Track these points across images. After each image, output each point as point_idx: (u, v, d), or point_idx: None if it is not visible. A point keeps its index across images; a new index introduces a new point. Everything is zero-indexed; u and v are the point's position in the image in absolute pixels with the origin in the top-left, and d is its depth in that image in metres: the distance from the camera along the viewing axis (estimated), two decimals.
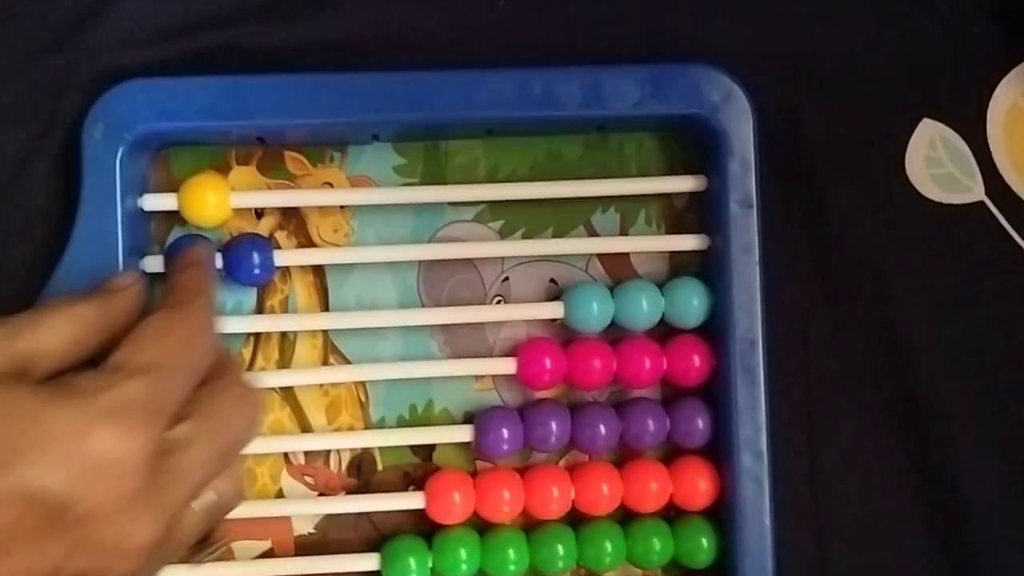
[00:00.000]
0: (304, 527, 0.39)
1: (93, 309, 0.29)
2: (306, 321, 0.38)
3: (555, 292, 0.40)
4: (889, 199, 0.40)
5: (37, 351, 0.27)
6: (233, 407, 0.28)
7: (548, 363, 0.38)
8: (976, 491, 0.39)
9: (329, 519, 0.39)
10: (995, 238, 0.40)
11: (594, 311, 0.38)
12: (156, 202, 0.37)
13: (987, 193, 0.40)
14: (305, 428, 0.39)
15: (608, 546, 0.38)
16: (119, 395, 0.25)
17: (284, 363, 0.39)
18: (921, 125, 0.40)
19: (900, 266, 0.39)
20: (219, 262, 0.37)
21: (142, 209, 0.37)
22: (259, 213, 0.39)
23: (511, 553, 0.37)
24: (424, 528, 0.38)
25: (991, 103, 0.40)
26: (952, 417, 0.39)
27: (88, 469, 0.24)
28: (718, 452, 0.38)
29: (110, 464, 0.24)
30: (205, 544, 0.30)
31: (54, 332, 0.28)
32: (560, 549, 0.38)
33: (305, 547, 0.39)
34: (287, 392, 0.39)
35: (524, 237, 0.40)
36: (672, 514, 0.39)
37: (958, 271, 0.40)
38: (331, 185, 0.39)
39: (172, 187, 0.38)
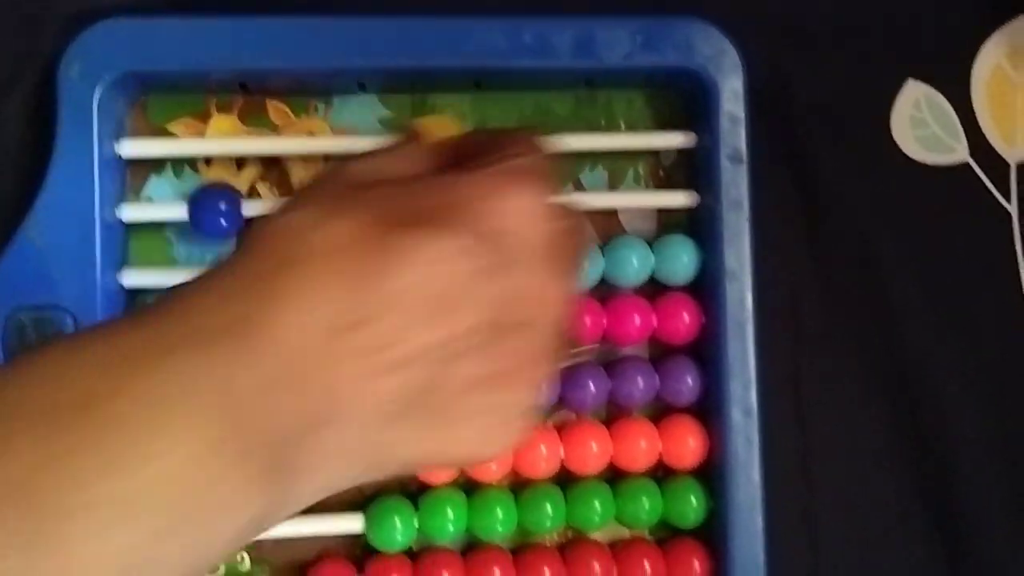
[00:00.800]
0: None
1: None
2: None
3: None
4: (874, 160, 0.40)
5: None
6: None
7: None
8: (963, 453, 0.39)
9: None
10: (979, 198, 0.40)
11: (584, 267, 0.37)
12: (134, 148, 0.36)
13: (971, 154, 0.40)
14: None
15: (597, 506, 0.37)
16: (525, 161, 0.26)
17: None
18: (906, 86, 0.40)
19: (885, 226, 0.39)
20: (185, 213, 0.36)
21: (119, 155, 0.36)
22: (240, 163, 0.38)
23: (499, 513, 0.37)
24: (410, 489, 0.38)
25: (975, 64, 0.40)
26: (938, 378, 0.39)
27: (519, 216, 0.24)
28: (708, 410, 0.38)
29: (537, 215, 0.25)
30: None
31: None
32: (548, 509, 0.37)
33: None
34: None
35: None
36: (661, 474, 0.38)
37: (942, 231, 0.40)
38: (315, 136, 0.38)
39: (150, 134, 0.37)
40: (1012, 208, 0.40)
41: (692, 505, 0.37)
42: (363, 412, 0.22)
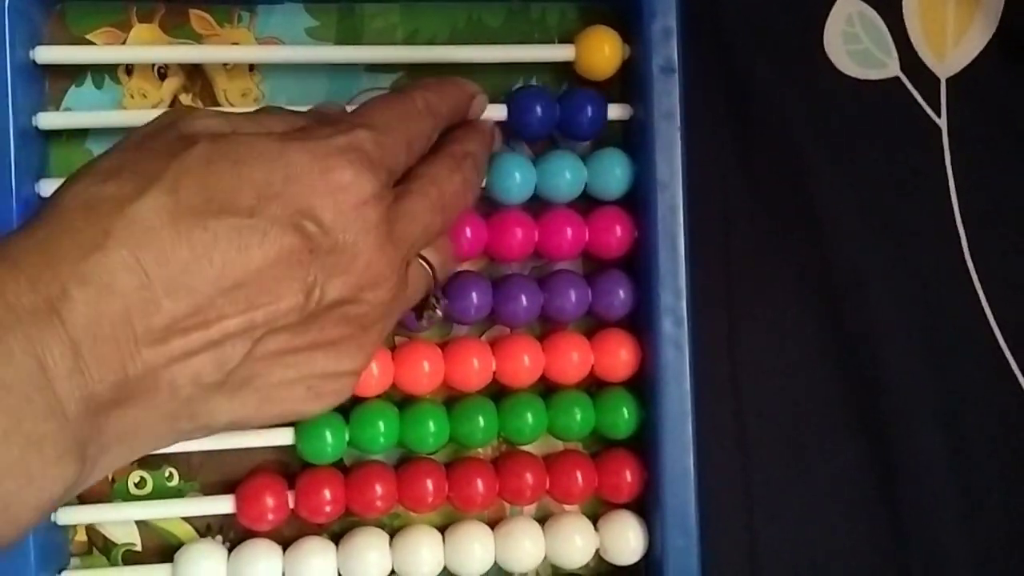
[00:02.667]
0: None
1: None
2: None
3: None
4: (807, 74, 0.40)
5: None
6: (448, 174, 0.30)
7: (469, 233, 0.37)
8: (892, 361, 0.39)
9: None
10: (909, 112, 0.40)
11: (516, 180, 0.37)
12: (51, 54, 0.35)
13: (902, 68, 0.40)
14: None
15: (529, 418, 0.37)
16: (350, 139, 0.26)
17: None
18: (839, 2, 0.40)
19: (817, 139, 0.40)
20: None
21: (34, 61, 0.35)
22: (162, 74, 0.37)
23: (431, 426, 0.37)
24: (341, 405, 0.37)
25: None
26: (868, 287, 0.39)
27: (334, 199, 0.25)
28: (640, 323, 0.38)
29: (353, 195, 0.25)
30: (424, 304, 0.32)
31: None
32: (481, 421, 0.37)
33: None
34: None
35: None
36: (594, 386, 0.39)
37: (873, 144, 0.40)
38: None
39: (69, 43, 0.36)
40: (942, 122, 0.40)
41: (624, 416, 0.38)
42: (174, 388, 0.24)
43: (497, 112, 0.37)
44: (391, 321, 0.29)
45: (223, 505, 0.36)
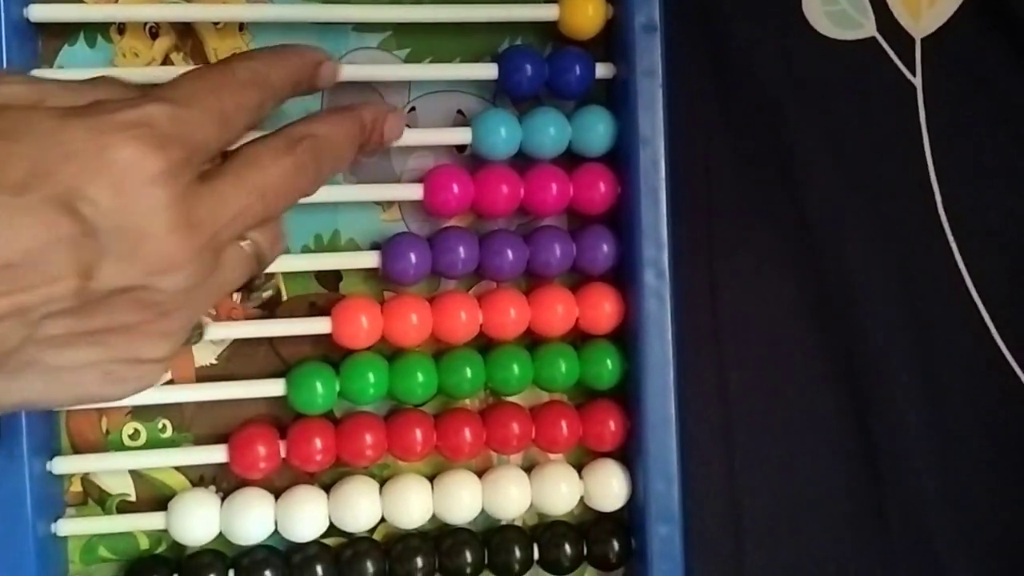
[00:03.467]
0: (206, 358, 0.38)
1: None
2: None
3: (462, 123, 0.39)
4: (786, 35, 0.41)
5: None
6: (274, 156, 0.28)
7: (456, 188, 0.38)
8: (868, 312, 0.40)
9: (232, 350, 0.38)
10: (885, 72, 0.41)
11: (502, 136, 0.38)
12: (44, 12, 0.35)
13: (878, 29, 0.41)
14: None
15: (515, 369, 0.38)
16: (138, 114, 0.25)
17: None
18: None
19: (796, 98, 0.41)
20: None
21: (27, 19, 0.35)
22: (153, 33, 0.38)
23: (419, 377, 0.37)
24: (332, 358, 0.38)
25: None
26: (845, 241, 0.40)
27: (112, 179, 0.24)
28: (623, 277, 0.39)
29: (134, 175, 0.24)
30: (251, 286, 0.30)
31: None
32: (468, 373, 0.38)
33: (207, 379, 0.38)
34: None
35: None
36: (578, 339, 0.40)
37: (851, 104, 0.41)
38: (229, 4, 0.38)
39: (62, 2, 0.36)
40: (917, 81, 0.41)
41: (608, 368, 0.39)
42: None
43: (487, 71, 0.38)
44: (200, 308, 0.27)
45: (216, 455, 0.37)
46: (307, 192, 0.29)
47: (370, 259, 0.38)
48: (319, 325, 0.37)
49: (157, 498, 0.38)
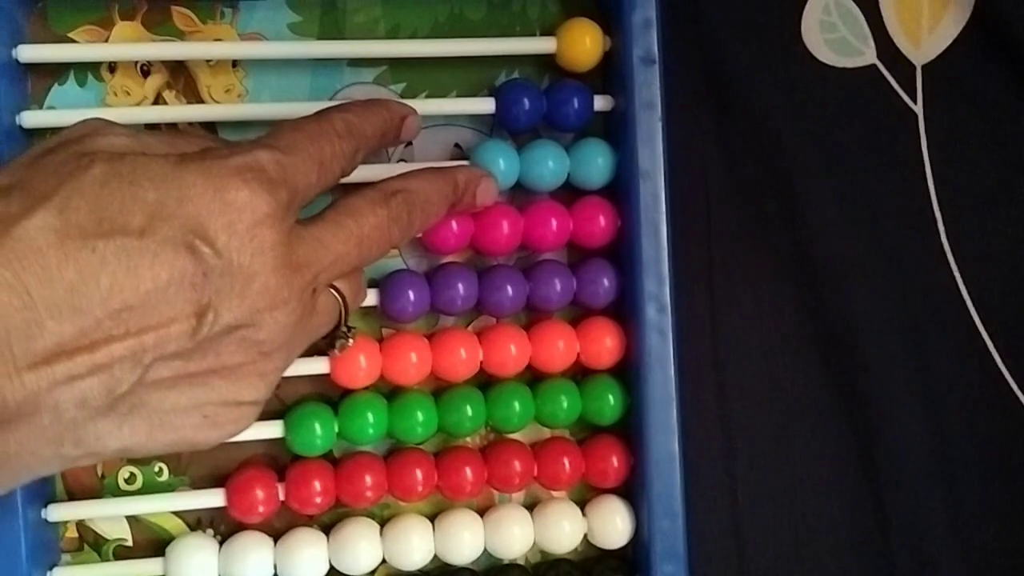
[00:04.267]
0: None
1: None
2: None
3: (460, 157, 0.39)
4: (786, 63, 0.41)
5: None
6: (371, 207, 0.30)
7: (455, 226, 0.37)
8: (871, 343, 0.40)
9: None
10: (886, 99, 0.41)
11: (500, 169, 0.37)
12: (34, 53, 0.35)
13: (878, 56, 0.41)
14: None
15: (516, 406, 0.38)
16: (248, 159, 0.26)
17: None
18: None
19: (795, 127, 0.40)
20: None
21: (17, 60, 0.35)
22: (145, 71, 0.37)
23: (419, 416, 0.37)
24: (330, 397, 0.38)
25: None
26: (846, 271, 0.40)
27: (228, 219, 0.25)
28: (624, 310, 0.38)
29: (248, 215, 0.25)
30: (335, 334, 0.32)
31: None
32: (469, 411, 0.37)
33: None
34: None
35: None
36: (579, 374, 0.39)
37: (851, 131, 0.41)
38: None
39: (51, 42, 0.36)
40: (918, 108, 0.41)
41: (610, 403, 0.38)
42: (57, 412, 0.23)
43: (484, 105, 0.37)
44: (295, 350, 0.28)
45: (214, 499, 0.36)
46: (397, 244, 0.31)
47: (368, 297, 0.37)
48: (317, 365, 0.36)
49: (155, 542, 0.37)
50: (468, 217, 0.37)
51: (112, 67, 0.37)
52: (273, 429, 0.36)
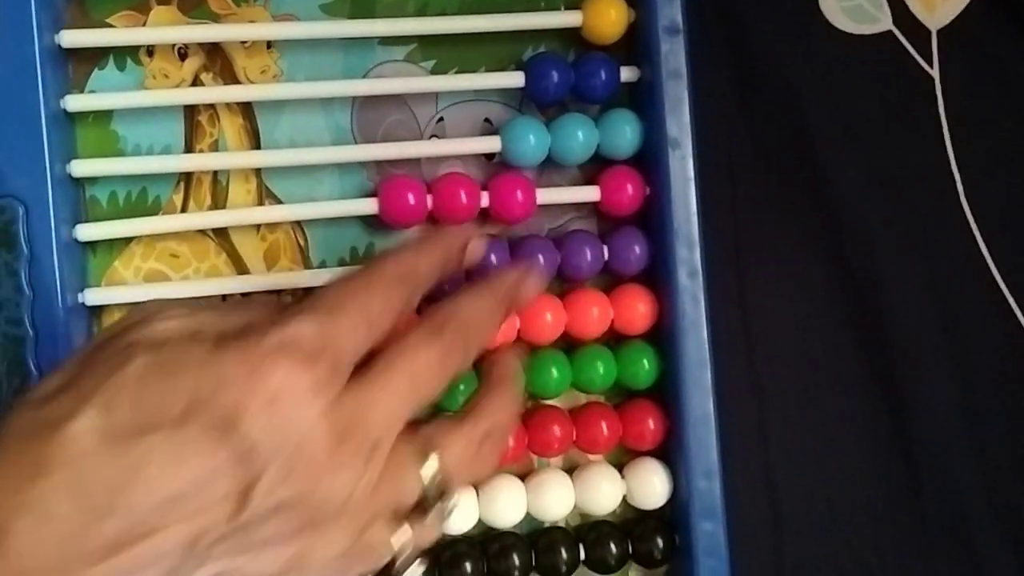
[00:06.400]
0: None
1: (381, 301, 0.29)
2: (238, 159, 0.38)
3: (490, 132, 0.40)
4: (805, 32, 0.41)
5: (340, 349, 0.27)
6: (425, 343, 0.29)
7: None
8: (896, 305, 0.41)
9: None
10: (903, 64, 0.42)
11: (530, 143, 0.38)
12: (76, 38, 0.35)
13: (894, 22, 0.42)
14: (243, 274, 0.38)
15: (554, 373, 0.38)
16: (284, 335, 0.26)
17: (217, 208, 0.38)
18: None
19: (816, 94, 0.41)
20: None
21: (59, 45, 0.35)
22: (182, 54, 0.38)
23: (460, 386, 0.38)
24: None
25: None
26: (869, 235, 0.41)
27: (266, 401, 0.25)
28: (656, 277, 0.39)
29: (285, 395, 0.25)
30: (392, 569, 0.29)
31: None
32: None
33: None
34: (222, 237, 0.38)
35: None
36: (614, 340, 0.40)
37: (870, 97, 0.42)
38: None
39: (89, 27, 0.36)
40: (934, 72, 0.42)
41: (644, 367, 0.39)
42: None
43: (513, 79, 0.38)
44: (360, 519, 0.27)
45: None
46: (459, 371, 0.30)
47: None
48: None
49: None
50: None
51: (150, 51, 0.38)
52: None
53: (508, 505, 0.38)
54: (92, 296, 0.36)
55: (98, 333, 0.28)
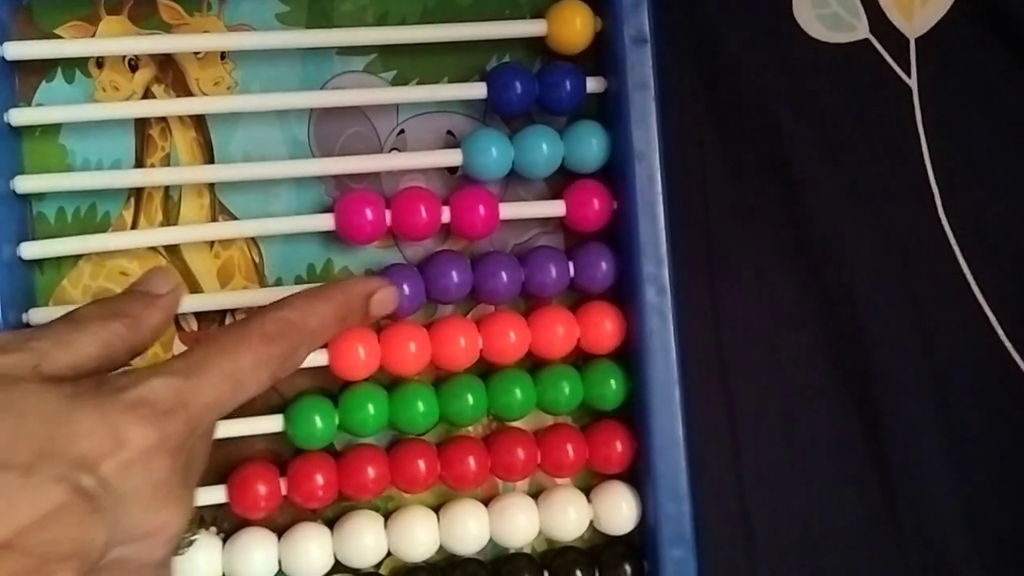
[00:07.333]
0: None
1: (126, 327, 0.28)
2: (191, 174, 0.36)
3: (452, 144, 0.39)
4: (778, 40, 0.40)
5: (65, 365, 0.27)
6: (243, 346, 0.28)
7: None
8: (872, 320, 0.40)
9: None
10: (880, 73, 0.41)
11: (493, 156, 0.37)
12: (20, 50, 0.34)
13: (871, 30, 0.41)
14: (196, 292, 0.37)
15: (518, 394, 0.37)
16: (141, 392, 0.26)
17: (168, 224, 0.37)
18: None
19: (790, 104, 0.40)
20: None
21: (3, 58, 0.34)
22: (133, 66, 0.37)
23: (420, 406, 0.37)
24: (329, 390, 0.37)
25: None
26: (845, 248, 0.40)
27: (120, 457, 0.24)
28: (623, 293, 0.38)
29: (138, 455, 0.25)
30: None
31: (83, 349, 0.27)
32: (470, 399, 0.37)
33: None
34: (174, 255, 0.37)
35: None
36: (580, 359, 0.39)
37: (846, 106, 0.40)
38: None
39: (37, 39, 0.35)
40: (912, 82, 0.41)
41: (612, 387, 0.38)
42: None
43: (476, 90, 0.37)
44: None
45: (215, 495, 0.36)
46: (279, 379, 0.30)
47: None
48: (316, 357, 0.36)
49: None
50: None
51: (100, 62, 0.36)
52: (273, 423, 0.36)
53: (470, 530, 0.37)
54: (38, 316, 0.35)
55: None
